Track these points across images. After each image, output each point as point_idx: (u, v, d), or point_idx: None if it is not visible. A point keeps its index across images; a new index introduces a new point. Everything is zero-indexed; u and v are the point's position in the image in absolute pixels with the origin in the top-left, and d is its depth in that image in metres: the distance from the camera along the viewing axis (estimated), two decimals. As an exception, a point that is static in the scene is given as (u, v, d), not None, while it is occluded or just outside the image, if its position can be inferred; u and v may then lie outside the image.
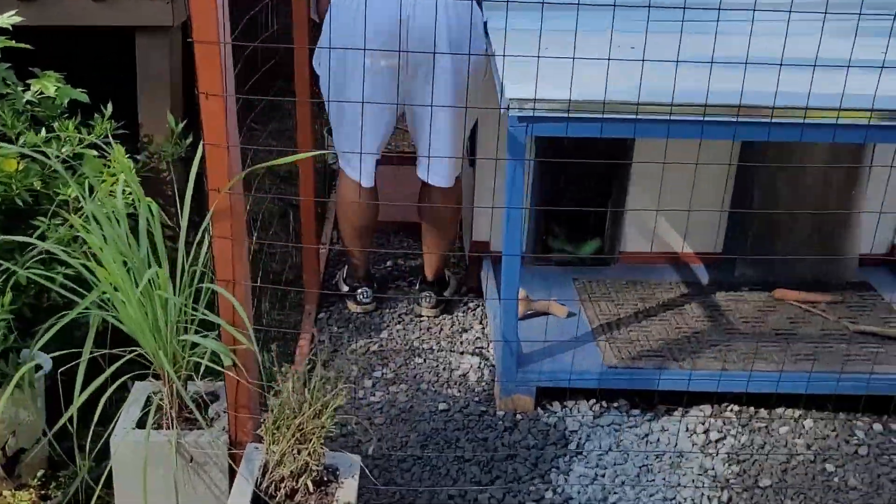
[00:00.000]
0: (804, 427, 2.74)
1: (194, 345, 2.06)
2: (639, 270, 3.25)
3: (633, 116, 2.38)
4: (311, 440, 1.92)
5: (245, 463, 1.98)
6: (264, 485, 1.94)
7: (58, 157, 2.49)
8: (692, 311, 3.07)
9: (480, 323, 3.28)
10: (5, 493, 2.39)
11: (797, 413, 2.79)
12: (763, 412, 2.80)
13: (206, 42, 1.75)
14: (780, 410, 2.79)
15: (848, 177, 3.15)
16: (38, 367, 2.40)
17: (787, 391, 2.73)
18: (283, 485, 1.94)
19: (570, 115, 2.39)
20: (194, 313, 2.04)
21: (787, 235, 3.20)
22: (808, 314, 3.05)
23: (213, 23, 1.74)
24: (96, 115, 2.62)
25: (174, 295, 1.97)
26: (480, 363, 3.01)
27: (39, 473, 2.44)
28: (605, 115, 2.38)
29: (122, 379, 2.02)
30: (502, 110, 2.49)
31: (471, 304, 3.40)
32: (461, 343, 3.15)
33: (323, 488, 1.96)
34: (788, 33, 2.16)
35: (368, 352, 3.07)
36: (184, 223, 2.01)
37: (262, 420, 1.96)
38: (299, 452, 1.92)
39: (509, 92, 2.41)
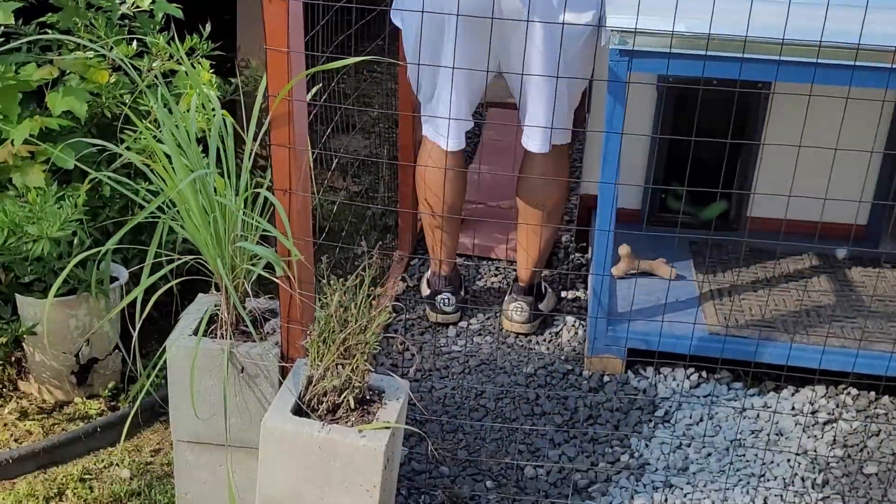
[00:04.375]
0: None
1: (254, 256, 2.33)
2: (766, 238, 3.27)
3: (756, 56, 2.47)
4: (354, 356, 2.14)
5: (292, 375, 2.23)
6: (307, 397, 2.19)
7: (150, 70, 2.83)
8: (819, 285, 3.12)
9: (584, 283, 3.43)
10: (76, 399, 2.75)
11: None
12: (886, 399, 2.84)
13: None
14: (906, 398, 2.82)
15: None
16: (114, 279, 2.75)
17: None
18: (325, 399, 2.17)
19: (675, 52, 2.50)
20: (257, 223, 2.31)
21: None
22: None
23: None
24: (192, 34, 2.94)
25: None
26: (576, 322, 3.17)
27: (111, 385, 2.78)
28: (727, 54, 2.48)
29: (183, 282, 2.31)
30: (602, 43, 2.65)
31: (582, 260, 3.57)
32: (561, 303, 3.31)
33: (365, 406, 2.18)
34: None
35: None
36: (251, 129, 2.27)
37: (307, 332, 2.20)
38: (342, 367, 2.15)
39: (611, 21, 2.57)
